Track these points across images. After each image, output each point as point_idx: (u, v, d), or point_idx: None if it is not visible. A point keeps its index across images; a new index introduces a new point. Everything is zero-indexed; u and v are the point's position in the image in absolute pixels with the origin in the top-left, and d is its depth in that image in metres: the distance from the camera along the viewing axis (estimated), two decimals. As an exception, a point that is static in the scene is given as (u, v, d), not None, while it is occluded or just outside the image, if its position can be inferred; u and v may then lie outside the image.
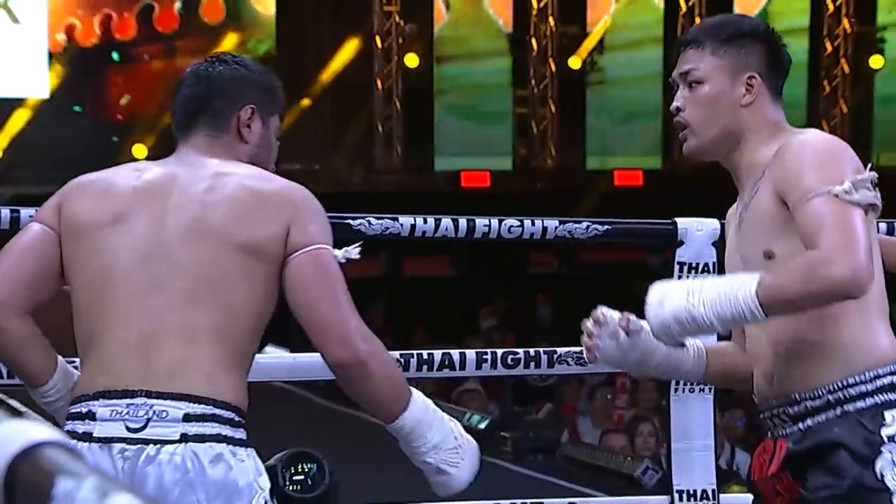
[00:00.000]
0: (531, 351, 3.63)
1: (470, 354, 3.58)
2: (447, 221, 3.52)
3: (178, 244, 2.54)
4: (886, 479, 2.54)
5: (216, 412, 2.50)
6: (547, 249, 16.03)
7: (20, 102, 17.60)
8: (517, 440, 7.63)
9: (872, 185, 2.53)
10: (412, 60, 18.87)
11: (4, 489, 1.16)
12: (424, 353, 3.56)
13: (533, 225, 3.58)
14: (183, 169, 2.64)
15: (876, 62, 20.55)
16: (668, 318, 2.57)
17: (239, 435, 2.53)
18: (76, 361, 2.67)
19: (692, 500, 3.68)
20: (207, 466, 2.48)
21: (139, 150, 16.60)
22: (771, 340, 2.66)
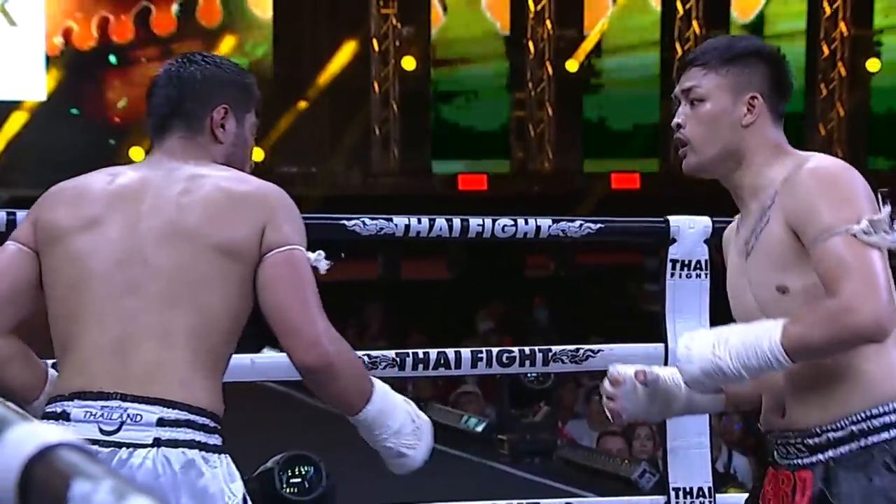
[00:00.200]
0: (526, 349, 3.63)
1: (465, 353, 3.58)
2: (441, 221, 3.53)
3: (152, 247, 2.53)
4: None
5: (190, 418, 2.49)
6: (544, 252, 16.04)
7: (17, 105, 17.61)
8: (514, 443, 7.62)
9: (889, 224, 2.52)
10: (409, 63, 18.88)
11: (19, 491, 1.15)
12: (420, 352, 3.56)
13: (526, 224, 3.58)
14: (157, 172, 2.62)
15: (873, 65, 20.57)
16: (697, 373, 2.59)
17: (213, 441, 2.52)
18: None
19: (689, 497, 3.68)
20: (178, 472, 2.47)
21: (136, 152, 16.60)
22: (786, 371, 2.63)
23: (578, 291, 15.27)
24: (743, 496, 3.06)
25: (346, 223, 3.46)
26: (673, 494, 3.70)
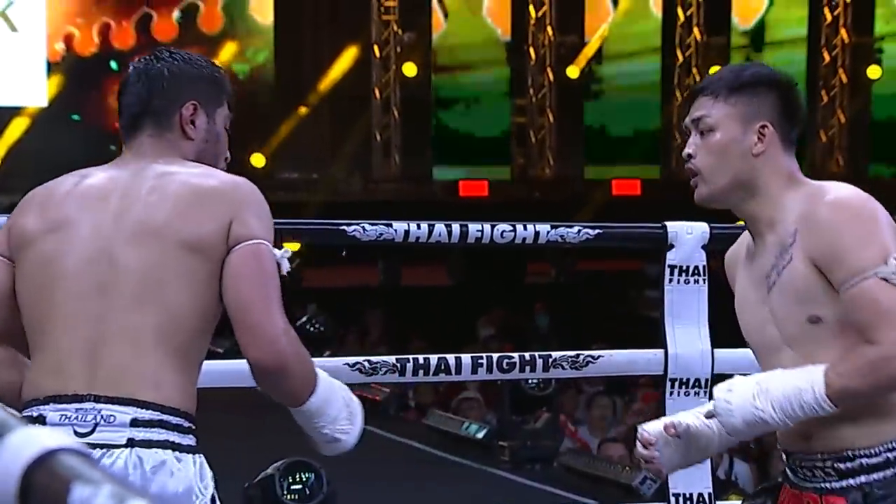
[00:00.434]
0: (526, 355, 3.64)
1: (466, 359, 3.59)
2: (440, 227, 3.53)
3: (120, 247, 2.52)
4: None
5: (164, 418, 2.48)
6: (544, 259, 16.05)
7: (18, 111, 17.64)
8: (515, 449, 7.62)
9: None
10: (410, 69, 18.90)
11: (20, 496, 1.15)
12: (420, 357, 3.57)
13: (525, 230, 3.59)
14: (125, 171, 2.62)
15: (873, 72, 20.60)
16: (739, 425, 2.61)
17: (186, 441, 2.51)
18: None
19: (689, 503, 3.69)
20: (149, 472, 2.46)
21: (137, 159, 16.59)
22: None
23: (579, 297, 15.28)
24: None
25: (346, 229, 3.47)
26: (673, 501, 3.70)
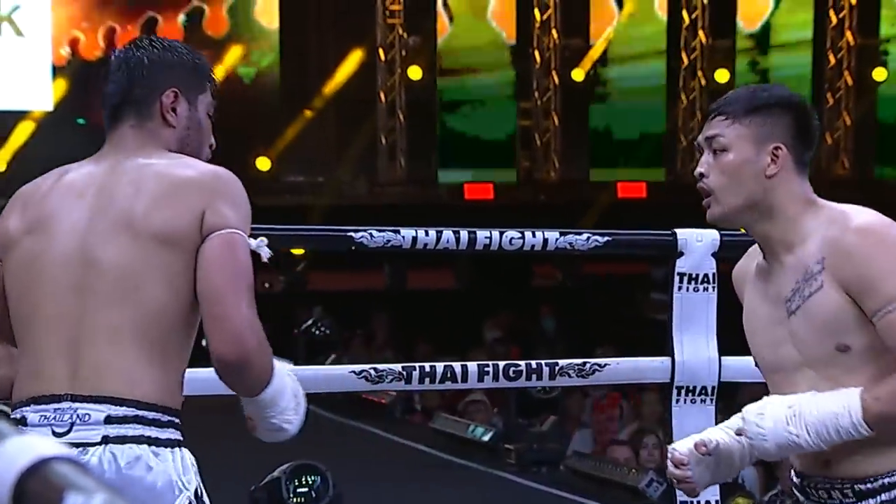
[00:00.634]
0: (533, 363, 3.64)
1: (472, 367, 3.59)
2: (448, 234, 3.54)
3: (97, 243, 2.52)
4: None
5: (139, 413, 2.48)
6: (551, 262, 16.04)
7: (24, 115, 17.64)
8: (521, 452, 7.64)
9: None
10: (415, 73, 18.89)
11: (13, 504, 1.16)
12: (427, 365, 3.57)
13: (534, 237, 3.59)
14: (102, 166, 2.61)
15: (879, 74, 20.58)
16: (772, 449, 2.64)
17: (165, 435, 2.50)
18: None
19: (695, 509, 3.69)
20: (124, 468, 2.46)
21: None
22: None
23: (585, 301, 15.28)
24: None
25: (353, 235, 3.47)
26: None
